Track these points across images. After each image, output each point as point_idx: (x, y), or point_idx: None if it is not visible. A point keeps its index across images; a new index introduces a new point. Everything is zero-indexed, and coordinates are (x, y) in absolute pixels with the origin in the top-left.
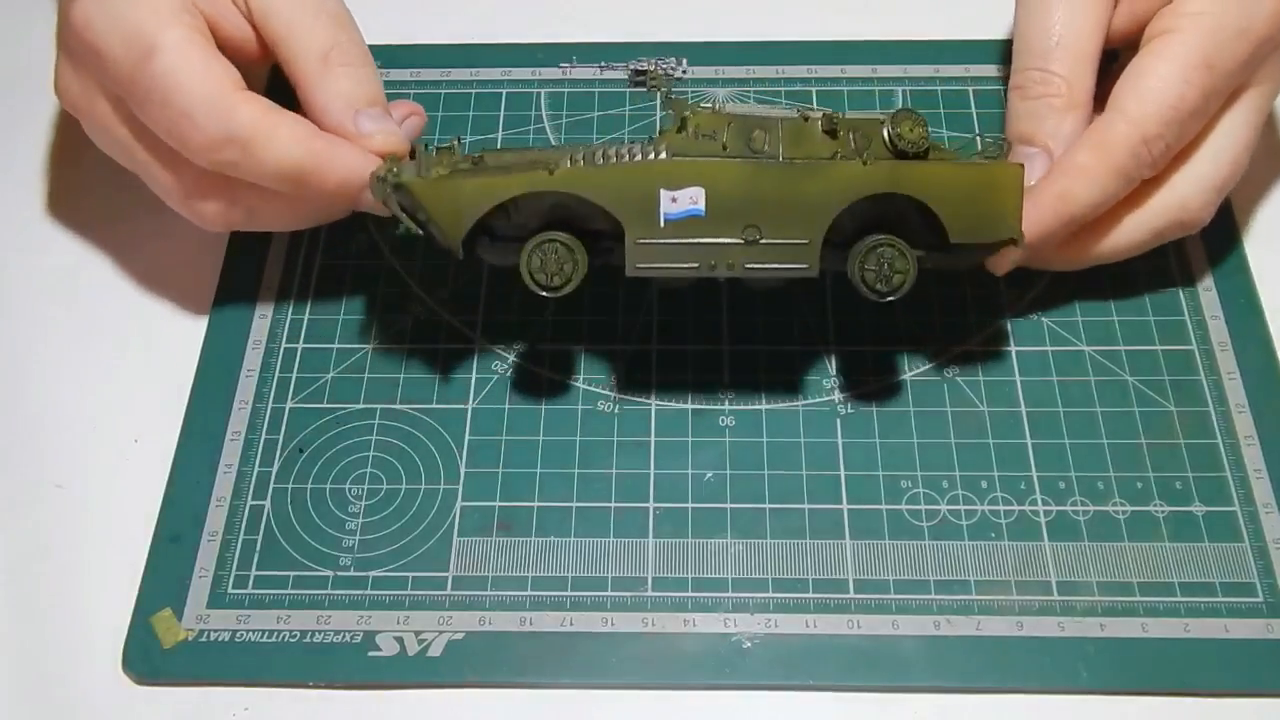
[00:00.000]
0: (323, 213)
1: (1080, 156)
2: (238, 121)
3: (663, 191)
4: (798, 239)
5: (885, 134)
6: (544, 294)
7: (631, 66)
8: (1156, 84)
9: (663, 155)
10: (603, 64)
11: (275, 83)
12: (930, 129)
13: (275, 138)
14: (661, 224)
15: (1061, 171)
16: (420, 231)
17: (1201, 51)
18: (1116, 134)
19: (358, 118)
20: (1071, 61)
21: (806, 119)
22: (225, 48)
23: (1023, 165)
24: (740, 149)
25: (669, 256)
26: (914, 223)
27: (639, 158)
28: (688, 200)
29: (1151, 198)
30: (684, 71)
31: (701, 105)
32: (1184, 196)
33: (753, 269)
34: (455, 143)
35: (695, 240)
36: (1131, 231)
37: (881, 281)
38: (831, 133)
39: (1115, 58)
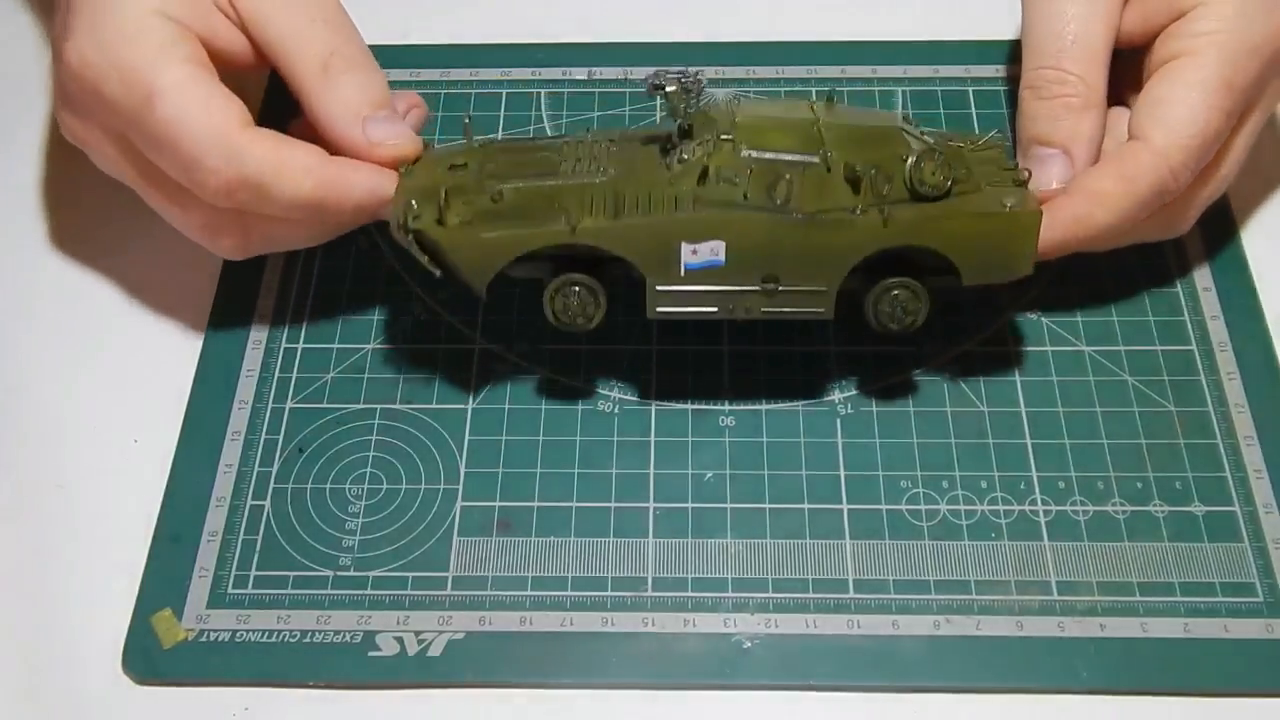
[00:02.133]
0: (344, 227)
1: (1104, 183)
2: (248, 165)
3: (683, 244)
4: (815, 287)
5: (906, 175)
6: (569, 331)
7: (652, 81)
8: (1183, 113)
9: (687, 210)
10: (628, 69)
11: (275, 83)
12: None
13: (288, 175)
14: (682, 273)
15: (1083, 196)
16: (438, 273)
17: (1221, 74)
18: (1143, 165)
19: (366, 125)
20: (1086, 60)
21: (829, 167)
22: (222, 60)
23: (1042, 212)
24: (761, 198)
25: (688, 302)
26: (929, 258)
27: (660, 194)
28: (708, 252)
29: None
30: (704, 82)
31: (713, 106)
32: (1172, 212)
33: (770, 313)
34: (466, 122)
35: (714, 288)
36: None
37: (895, 321)
38: (854, 182)
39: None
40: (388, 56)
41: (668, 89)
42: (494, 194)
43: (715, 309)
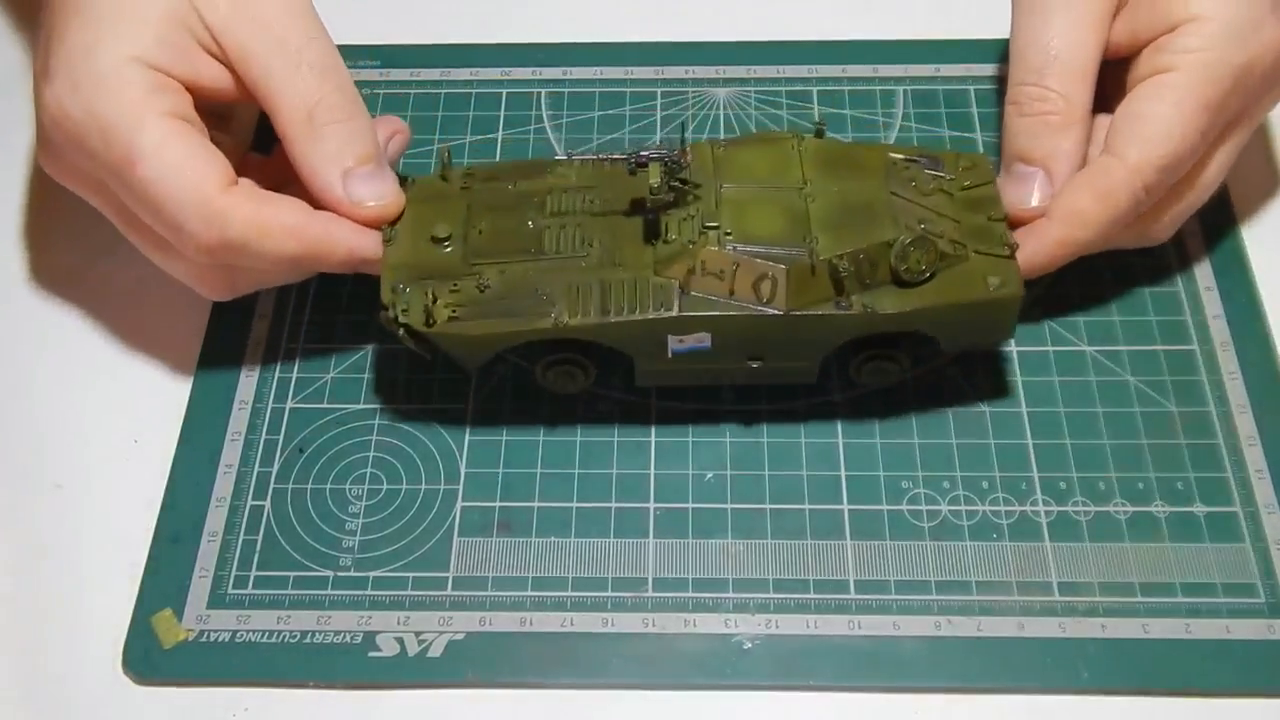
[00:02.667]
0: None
1: (1081, 202)
2: (230, 230)
3: (670, 336)
4: (798, 363)
5: (891, 261)
6: (561, 393)
7: (635, 159)
8: (1157, 130)
9: (672, 307)
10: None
11: None
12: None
13: (270, 237)
14: (669, 355)
15: (1063, 219)
16: (429, 356)
17: (1201, 94)
18: (1117, 181)
19: (347, 182)
20: (1068, 77)
21: (814, 268)
22: (208, 97)
23: (1023, 292)
24: (746, 294)
25: (676, 376)
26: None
27: (645, 283)
28: (694, 340)
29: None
30: (688, 162)
31: (686, 152)
32: (1146, 222)
33: (754, 379)
34: (445, 155)
35: (701, 366)
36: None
37: (876, 380)
38: (837, 281)
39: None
40: (388, 56)
41: (652, 182)
42: (480, 284)
43: (702, 380)
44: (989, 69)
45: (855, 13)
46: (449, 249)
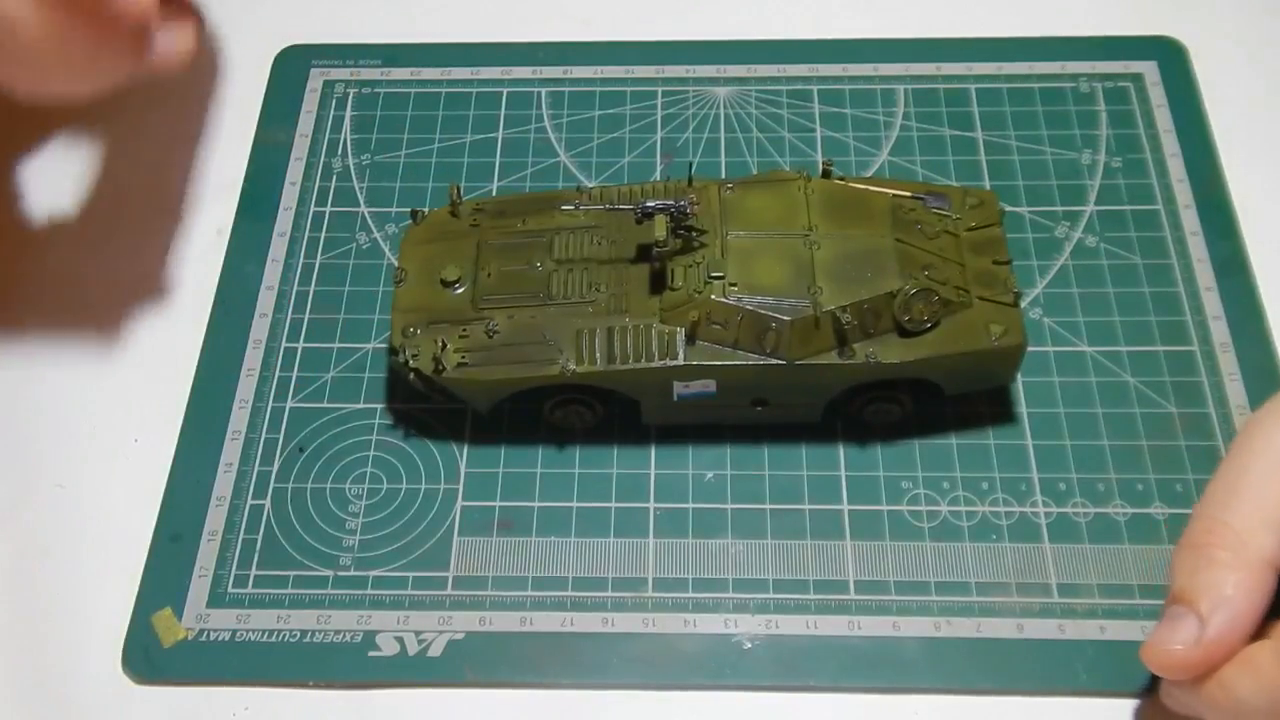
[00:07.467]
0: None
1: (1264, 658)
2: None
3: (676, 381)
4: (801, 407)
5: (895, 311)
6: (567, 429)
7: (642, 209)
8: None
9: (678, 356)
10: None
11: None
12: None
13: None
14: (675, 399)
15: (1238, 663)
16: (441, 397)
17: None
18: (1268, 679)
19: None
20: (1251, 518)
21: (818, 322)
22: None
23: (1025, 342)
24: (750, 344)
25: (681, 415)
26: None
27: (651, 332)
28: (699, 385)
29: None
30: (695, 210)
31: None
32: None
33: (759, 420)
34: (455, 191)
35: (705, 407)
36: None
37: (879, 419)
38: (840, 333)
39: None
40: (388, 56)
41: (658, 235)
42: (489, 329)
43: (706, 420)
44: (989, 67)
45: (855, 11)
46: (459, 291)
